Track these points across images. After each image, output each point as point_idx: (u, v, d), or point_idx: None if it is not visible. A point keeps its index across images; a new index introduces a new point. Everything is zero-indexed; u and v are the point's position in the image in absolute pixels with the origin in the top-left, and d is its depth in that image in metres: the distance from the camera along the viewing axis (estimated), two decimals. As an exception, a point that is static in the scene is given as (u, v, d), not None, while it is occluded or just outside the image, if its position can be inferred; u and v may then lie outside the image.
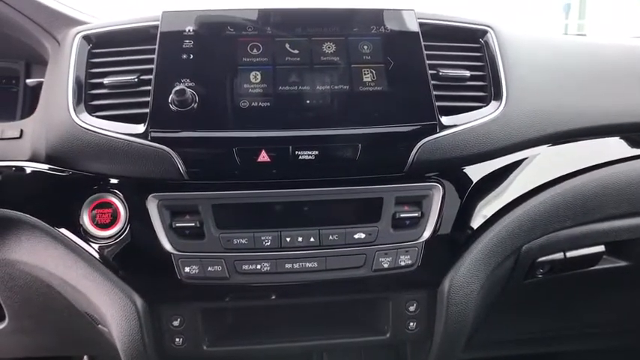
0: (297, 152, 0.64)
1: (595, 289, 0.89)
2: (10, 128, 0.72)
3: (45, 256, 0.69)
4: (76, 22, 0.77)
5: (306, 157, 0.64)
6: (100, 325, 0.76)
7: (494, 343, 0.90)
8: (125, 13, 0.86)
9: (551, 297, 0.87)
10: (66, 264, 0.68)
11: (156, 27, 0.72)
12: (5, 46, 0.89)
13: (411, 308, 0.69)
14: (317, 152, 0.64)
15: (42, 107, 0.71)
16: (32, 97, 0.91)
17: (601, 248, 0.81)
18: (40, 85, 0.90)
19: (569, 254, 0.80)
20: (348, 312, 0.72)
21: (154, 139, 0.63)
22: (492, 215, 0.71)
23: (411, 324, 0.69)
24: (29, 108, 0.91)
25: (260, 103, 0.66)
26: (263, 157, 0.64)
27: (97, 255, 0.66)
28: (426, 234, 0.67)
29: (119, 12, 0.96)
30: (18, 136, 0.72)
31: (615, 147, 0.78)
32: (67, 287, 0.71)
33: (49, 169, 0.68)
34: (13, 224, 0.68)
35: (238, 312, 0.69)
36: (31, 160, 0.69)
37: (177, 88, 0.64)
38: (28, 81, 0.91)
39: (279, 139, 0.64)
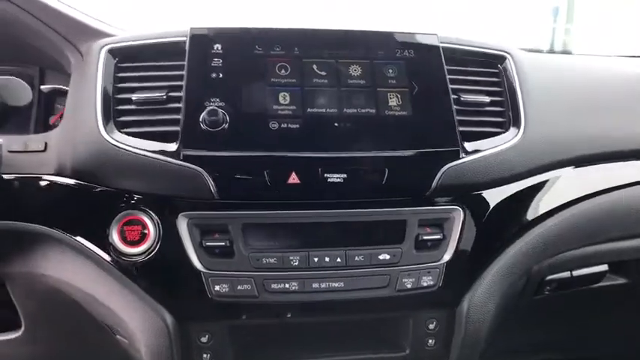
0: (325, 175, 0.66)
1: (598, 304, 0.93)
2: (35, 141, 0.71)
3: (71, 270, 0.69)
4: (99, 34, 0.77)
5: (335, 180, 0.66)
6: (118, 336, 0.77)
7: (505, 352, 0.94)
8: (148, 26, 0.87)
9: (558, 310, 0.91)
10: (93, 279, 0.68)
11: (182, 43, 0.72)
12: (20, 52, 0.88)
13: (431, 326, 0.72)
14: (345, 175, 0.66)
15: (67, 121, 0.71)
16: (46, 102, 0.91)
17: (604, 267, 0.85)
18: (54, 91, 0.90)
19: (575, 273, 0.84)
20: (369, 329, 0.74)
21: (185, 159, 0.64)
22: (509, 237, 0.74)
23: (430, 341, 0.72)
24: (43, 114, 0.90)
25: (289, 125, 0.67)
26: (293, 179, 0.65)
27: (125, 271, 0.66)
28: (447, 256, 0.70)
29: (137, 21, 0.96)
30: (42, 149, 0.71)
31: (627, 171, 0.81)
32: (91, 301, 0.71)
33: (76, 184, 0.68)
34: (40, 239, 0.68)
35: (263, 328, 0.71)
36: (56, 174, 0.69)
37: (209, 108, 0.65)
38: (42, 87, 0.90)
39: (310, 162, 0.66)
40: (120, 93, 0.70)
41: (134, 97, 0.69)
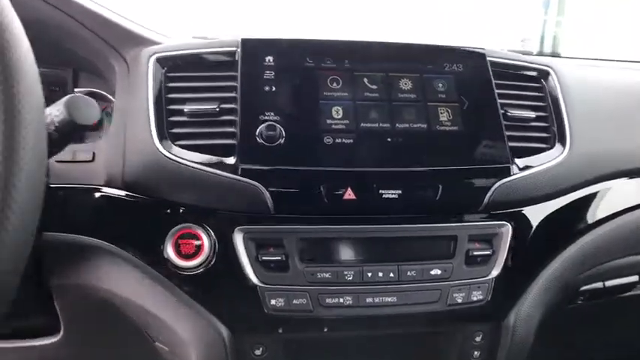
0: (381, 191, 0.66)
1: (625, 311, 0.96)
2: (83, 151, 0.70)
3: (122, 281, 0.68)
4: (144, 41, 0.76)
5: (390, 196, 0.66)
6: (157, 343, 0.77)
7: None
8: (193, 33, 0.86)
9: (588, 319, 0.94)
10: (144, 290, 0.68)
11: (232, 53, 0.72)
12: (56, 54, 0.86)
13: (477, 339, 0.73)
14: (400, 191, 0.66)
15: (116, 131, 0.70)
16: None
17: (635, 278, 0.88)
18: (88, 94, 0.89)
19: (608, 283, 0.86)
20: (416, 341, 0.75)
21: (244, 173, 0.64)
22: (553, 251, 0.75)
23: (476, 353, 0.73)
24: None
25: (344, 140, 0.67)
26: (349, 194, 0.65)
27: (179, 284, 0.66)
28: (495, 271, 0.71)
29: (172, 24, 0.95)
30: (90, 159, 0.70)
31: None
32: (138, 311, 0.71)
33: (127, 195, 0.67)
34: (92, 251, 0.67)
35: (316, 341, 0.72)
36: (106, 185, 0.68)
37: (267, 123, 0.65)
38: (77, 90, 0.89)
39: (366, 178, 0.66)
40: (171, 104, 0.69)
41: (186, 108, 0.68)
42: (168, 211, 0.66)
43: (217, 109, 0.68)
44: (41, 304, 0.74)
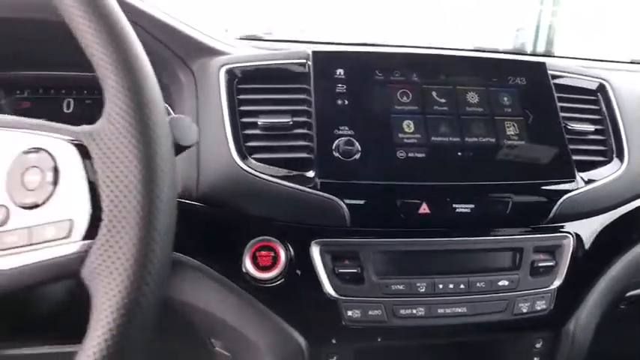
0: (454, 205, 0.68)
1: None
2: None
3: (196, 291, 0.69)
4: (210, 51, 0.75)
5: (463, 210, 0.68)
6: (217, 348, 0.78)
7: None
8: (260, 45, 0.85)
9: (630, 322, 0.97)
10: (218, 299, 0.69)
11: (302, 65, 0.72)
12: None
13: (538, 345, 0.76)
14: (473, 205, 0.68)
15: None
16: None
17: None
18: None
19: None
20: (479, 348, 0.77)
21: (323, 188, 0.65)
22: (610, 260, 0.78)
23: (535, 359, 0.76)
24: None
25: (416, 154, 0.68)
26: (424, 208, 0.67)
27: (257, 295, 0.67)
28: (558, 281, 0.73)
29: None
30: None
31: None
32: (206, 318, 0.72)
33: (204, 208, 0.68)
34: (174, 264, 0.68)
35: (386, 350, 0.73)
36: (180, 197, 0.69)
37: (345, 138, 0.66)
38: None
39: (440, 192, 0.67)
40: (244, 117, 0.69)
41: (260, 121, 0.68)
42: (246, 224, 0.67)
43: (291, 123, 0.69)
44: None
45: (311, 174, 0.66)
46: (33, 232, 0.39)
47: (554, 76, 0.78)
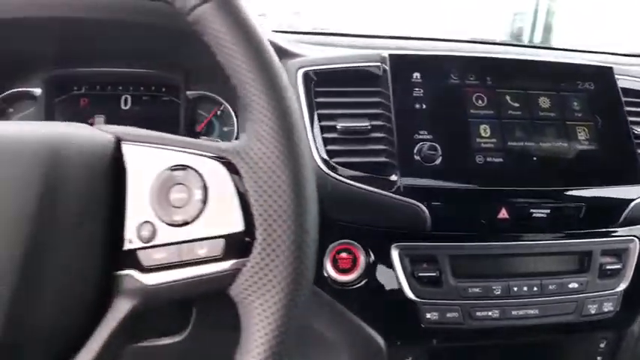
0: (531, 210, 0.69)
1: None
2: None
3: None
4: (284, 53, 0.75)
5: (539, 215, 0.69)
6: None
7: None
8: (333, 46, 0.85)
9: None
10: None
11: (377, 68, 0.72)
12: (167, 56, 0.85)
13: (602, 345, 0.78)
14: (549, 210, 0.69)
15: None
16: (192, 109, 0.89)
17: None
18: (199, 97, 0.88)
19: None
20: (546, 347, 0.80)
21: (406, 193, 0.66)
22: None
23: (599, 358, 0.78)
24: (190, 120, 0.88)
25: (494, 159, 0.69)
26: (503, 213, 0.68)
27: (338, 298, 0.68)
28: (624, 284, 0.75)
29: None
30: None
31: None
32: None
33: None
34: None
35: (458, 350, 0.75)
36: None
37: (428, 143, 0.66)
38: (188, 93, 0.88)
39: (518, 197, 0.68)
40: (322, 120, 0.69)
41: (339, 125, 0.69)
42: (327, 227, 0.68)
43: (369, 127, 0.69)
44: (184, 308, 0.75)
45: (393, 178, 0.66)
46: (183, 250, 0.39)
47: (620, 80, 0.79)
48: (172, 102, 0.88)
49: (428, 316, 0.68)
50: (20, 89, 0.83)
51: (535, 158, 0.70)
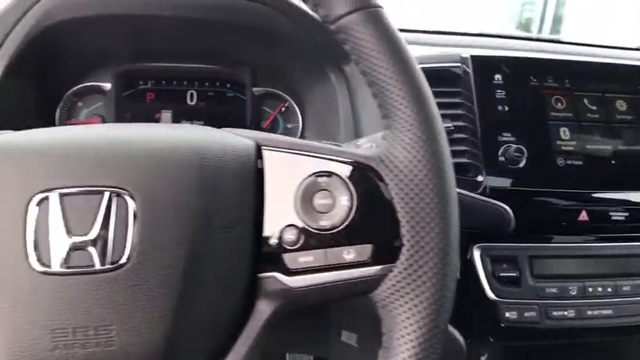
0: (610, 213, 0.70)
1: None
2: None
3: None
4: None
5: (618, 218, 0.70)
6: (343, 339, 0.81)
7: None
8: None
9: None
10: None
11: (458, 68, 0.72)
12: (235, 53, 0.85)
13: None
14: (627, 213, 0.70)
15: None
16: (258, 105, 0.89)
17: None
18: (265, 94, 0.88)
19: None
20: (613, 347, 0.81)
21: (492, 194, 0.66)
22: None
23: None
24: (256, 117, 0.89)
25: (574, 162, 0.70)
26: (583, 216, 0.69)
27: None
28: None
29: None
30: None
31: None
32: (368, 320, 0.74)
33: None
34: None
35: (530, 348, 0.77)
36: None
37: (514, 145, 0.67)
38: (254, 89, 0.88)
39: (598, 200, 0.69)
40: None
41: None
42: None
43: (452, 127, 0.70)
44: None
45: (480, 179, 0.67)
46: (329, 254, 0.40)
47: None
48: (237, 98, 0.89)
49: (507, 315, 0.70)
50: (91, 83, 0.84)
51: (613, 161, 0.71)
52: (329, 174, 0.41)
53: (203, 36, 0.80)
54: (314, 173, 0.41)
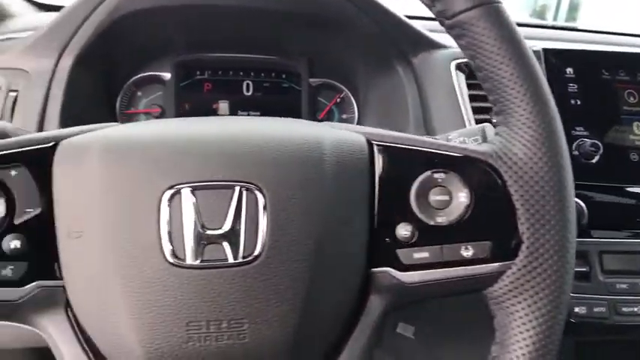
0: None
1: None
2: None
3: None
4: (429, 44, 0.74)
5: None
6: (398, 330, 0.82)
7: None
8: None
9: None
10: None
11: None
12: (293, 43, 0.84)
13: None
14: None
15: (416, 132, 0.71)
16: (313, 96, 0.89)
17: None
18: (321, 84, 0.88)
19: None
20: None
21: None
22: None
23: None
24: (312, 108, 0.89)
25: (647, 156, 0.69)
26: (656, 211, 0.68)
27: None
28: None
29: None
30: None
31: None
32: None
33: None
34: None
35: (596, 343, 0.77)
36: None
37: (589, 140, 0.66)
38: (311, 80, 0.88)
39: (673, 196, 0.69)
40: (477, 114, 0.69)
41: (494, 119, 0.68)
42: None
43: None
44: None
45: None
46: (445, 250, 0.40)
47: None
48: (293, 89, 0.88)
49: (576, 310, 0.69)
50: (151, 73, 0.84)
51: None
52: (445, 170, 0.40)
53: (260, 26, 0.79)
54: (430, 169, 0.40)
